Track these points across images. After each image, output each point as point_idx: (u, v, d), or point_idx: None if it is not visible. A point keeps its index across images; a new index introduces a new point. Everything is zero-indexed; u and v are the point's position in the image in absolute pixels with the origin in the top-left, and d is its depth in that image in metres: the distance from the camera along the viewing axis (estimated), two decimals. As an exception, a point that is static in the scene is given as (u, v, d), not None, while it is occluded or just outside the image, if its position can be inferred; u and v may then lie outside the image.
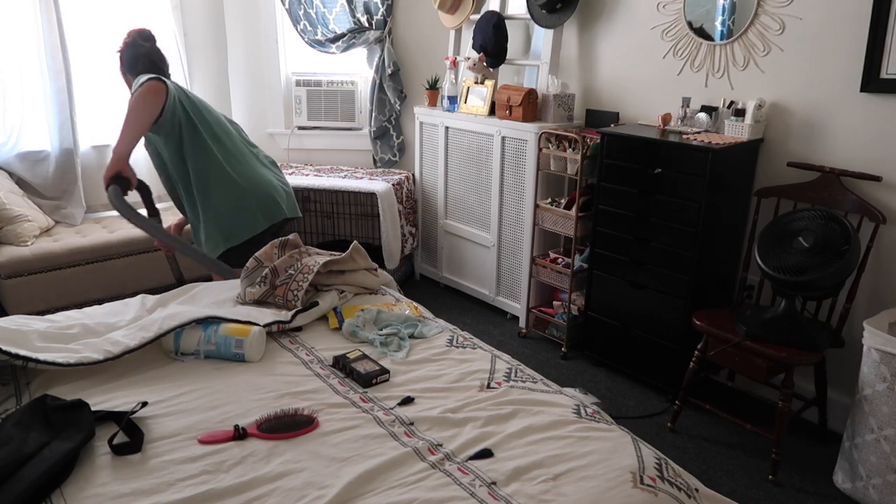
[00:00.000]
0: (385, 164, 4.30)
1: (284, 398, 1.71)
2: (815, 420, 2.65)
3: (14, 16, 3.38)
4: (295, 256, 2.31)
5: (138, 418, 1.59)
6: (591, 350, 3.14)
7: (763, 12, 2.62)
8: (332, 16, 4.08)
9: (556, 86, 3.22)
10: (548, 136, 3.14)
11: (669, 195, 2.65)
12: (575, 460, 1.49)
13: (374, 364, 1.85)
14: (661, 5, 2.95)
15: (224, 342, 1.90)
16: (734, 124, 2.66)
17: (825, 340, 2.33)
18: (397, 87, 4.10)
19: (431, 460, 1.48)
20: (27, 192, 3.57)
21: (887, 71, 2.33)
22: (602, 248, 2.96)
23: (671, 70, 2.98)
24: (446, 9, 3.73)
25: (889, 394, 2.10)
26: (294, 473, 1.43)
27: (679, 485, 1.48)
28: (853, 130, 2.46)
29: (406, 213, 3.92)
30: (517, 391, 1.77)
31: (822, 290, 2.34)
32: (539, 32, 3.51)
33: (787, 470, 2.41)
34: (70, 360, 1.75)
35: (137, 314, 2.12)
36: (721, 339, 2.44)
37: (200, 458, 1.47)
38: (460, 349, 2.01)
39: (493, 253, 3.60)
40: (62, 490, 1.36)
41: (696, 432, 2.63)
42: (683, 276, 2.66)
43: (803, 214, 2.35)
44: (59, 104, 3.53)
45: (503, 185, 3.45)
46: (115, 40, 3.67)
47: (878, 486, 2.16)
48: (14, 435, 1.45)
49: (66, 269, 3.29)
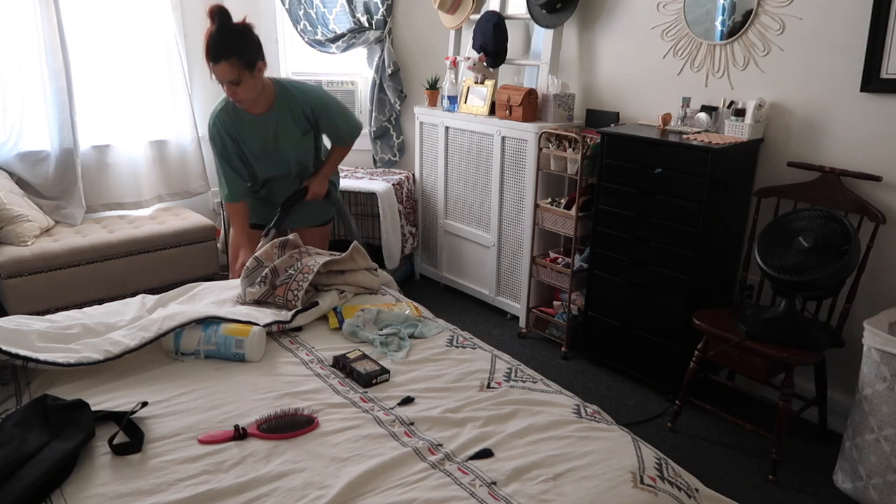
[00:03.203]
0: (385, 164, 4.30)
1: (284, 398, 1.71)
2: (815, 420, 2.65)
3: (14, 16, 3.38)
4: (295, 256, 2.31)
5: (138, 418, 1.59)
6: (592, 350, 3.13)
7: (763, 12, 2.62)
8: (332, 16, 4.08)
9: (556, 86, 3.22)
10: (548, 136, 3.14)
11: (669, 195, 2.65)
12: (575, 460, 1.49)
13: (374, 364, 1.85)
14: (661, 5, 2.94)
15: (224, 342, 1.90)
16: (734, 124, 2.66)
17: (825, 340, 2.33)
18: (397, 87, 4.11)
19: (431, 460, 1.48)
20: (27, 192, 3.56)
21: (887, 71, 2.33)
22: (602, 248, 2.96)
23: (671, 70, 2.97)
24: (446, 9, 3.73)
25: (889, 394, 2.10)
26: (294, 473, 1.43)
27: (679, 485, 1.48)
28: (853, 130, 2.46)
29: (406, 213, 3.92)
30: (517, 391, 1.77)
31: (822, 290, 2.34)
32: (539, 32, 3.51)
33: (787, 470, 2.41)
34: (70, 360, 1.75)
35: (137, 314, 2.12)
36: (721, 338, 2.44)
37: (200, 458, 1.47)
38: (460, 349, 2.01)
39: (493, 253, 3.60)
40: (62, 490, 1.36)
41: (696, 432, 2.63)
42: (683, 276, 2.66)
43: (803, 214, 2.35)
44: (59, 104, 3.53)
45: (503, 184, 3.45)
46: (114, 40, 3.72)
47: (878, 486, 2.16)
48: (14, 435, 1.45)
49: (66, 269, 3.29)
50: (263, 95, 2.50)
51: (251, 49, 2.36)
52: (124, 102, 3.82)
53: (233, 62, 2.31)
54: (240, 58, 2.32)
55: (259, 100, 2.49)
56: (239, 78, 2.34)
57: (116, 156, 3.86)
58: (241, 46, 2.33)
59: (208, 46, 2.31)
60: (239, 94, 2.39)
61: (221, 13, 2.33)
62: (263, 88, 2.48)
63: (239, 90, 2.38)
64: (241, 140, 2.58)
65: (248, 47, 2.36)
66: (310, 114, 2.61)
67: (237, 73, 2.33)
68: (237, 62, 2.32)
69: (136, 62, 3.81)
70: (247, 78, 2.36)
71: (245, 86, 2.37)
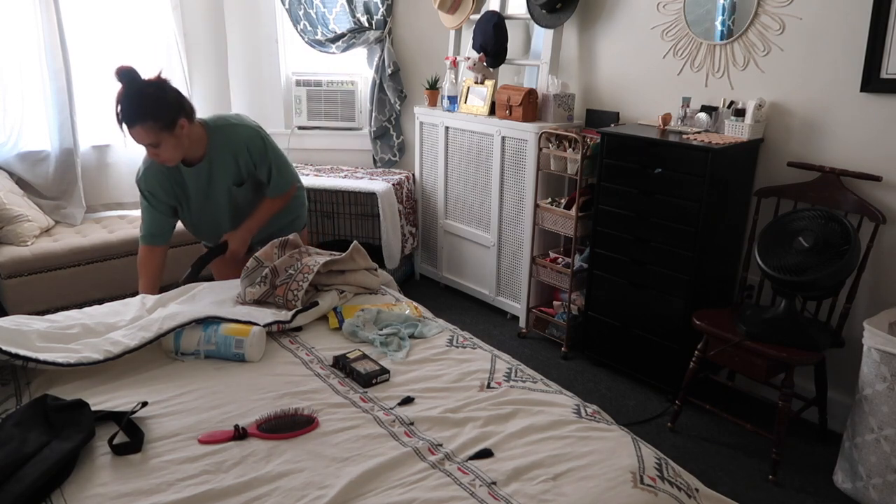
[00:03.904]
0: (385, 164, 4.30)
1: (284, 398, 1.71)
2: (815, 420, 2.65)
3: (14, 16, 3.38)
4: (295, 256, 2.31)
5: (138, 418, 1.59)
6: (591, 350, 3.13)
7: (763, 12, 2.62)
8: (332, 16, 4.08)
9: (556, 86, 3.22)
10: (548, 136, 3.14)
11: (669, 195, 2.65)
12: (575, 460, 1.49)
13: (374, 364, 1.85)
14: (661, 5, 2.94)
15: (224, 342, 1.90)
16: (734, 124, 2.66)
17: (825, 340, 2.33)
18: (397, 87, 4.11)
19: (431, 460, 1.48)
20: (27, 192, 3.57)
21: (887, 71, 2.33)
22: (602, 248, 2.96)
23: (671, 70, 2.97)
24: (446, 9, 3.73)
25: (889, 394, 2.10)
26: (294, 473, 1.43)
27: (679, 485, 1.48)
28: (853, 130, 2.46)
29: (406, 213, 3.92)
30: (517, 391, 1.77)
31: (822, 289, 2.34)
32: (539, 32, 3.51)
33: (787, 470, 2.41)
34: (70, 360, 1.75)
35: (137, 314, 2.12)
36: (721, 338, 2.44)
37: (200, 458, 1.47)
38: (460, 349, 2.01)
39: (493, 253, 3.60)
40: (62, 490, 1.36)
41: (696, 432, 2.63)
42: (683, 276, 2.66)
43: (803, 214, 2.35)
44: (59, 104, 3.53)
45: (503, 184, 3.45)
46: (114, 40, 3.72)
47: (878, 486, 2.16)
48: (14, 435, 1.45)
49: (66, 269, 3.29)
50: (193, 146, 2.32)
51: (168, 109, 2.17)
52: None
53: (148, 126, 2.14)
54: (155, 121, 2.14)
55: (189, 152, 2.32)
56: (157, 141, 2.17)
57: (116, 156, 3.86)
58: (154, 109, 2.14)
59: (118, 112, 2.15)
60: (161, 155, 2.23)
61: (128, 74, 2.15)
62: (192, 140, 2.30)
63: (160, 152, 2.21)
64: (179, 189, 2.43)
65: (164, 108, 2.16)
66: (248, 155, 2.42)
67: (154, 136, 2.16)
68: (153, 125, 2.14)
69: (136, 62, 3.78)
70: (166, 139, 2.18)
71: (166, 146, 2.20)
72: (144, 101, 2.15)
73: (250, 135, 2.44)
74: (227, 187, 2.45)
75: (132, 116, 2.15)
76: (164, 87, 2.20)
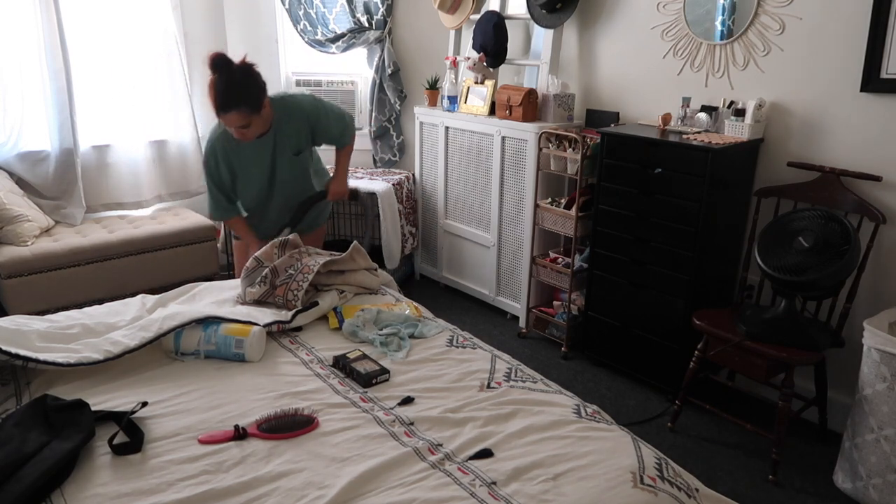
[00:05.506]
0: (385, 163, 4.30)
1: (284, 398, 1.71)
2: (815, 420, 2.65)
3: (14, 16, 3.38)
4: (295, 256, 2.31)
5: (138, 418, 1.59)
6: (592, 350, 3.13)
7: (763, 12, 2.62)
8: (332, 16, 4.08)
9: (556, 86, 3.22)
10: (548, 136, 3.14)
11: (669, 195, 2.65)
12: (575, 460, 1.49)
13: (374, 364, 1.85)
14: (661, 5, 2.94)
15: (224, 342, 1.90)
16: (734, 124, 2.66)
17: (825, 340, 2.33)
18: (397, 87, 4.10)
19: (431, 460, 1.48)
20: (27, 192, 3.56)
21: (887, 71, 2.33)
22: (602, 248, 2.96)
23: (671, 70, 2.97)
24: (446, 9, 3.73)
25: (889, 394, 2.10)
26: (294, 473, 1.43)
27: (679, 485, 1.48)
28: (853, 130, 2.46)
29: (406, 213, 3.92)
30: (517, 391, 1.77)
31: (822, 289, 2.34)
32: (539, 32, 3.51)
33: (787, 470, 2.41)
34: (70, 360, 1.75)
35: (137, 314, 2.12)
36: (721, 338, 2.44)
37: (200, 458, 1.47)
38: (460, 349, 2.01)
39: (493, 253, 3.60)
40: (62, 490, 1.36)
41: (696, 432, 2.63)
42: (683, 276, 2.66)
43: (803, 214, 2.35)
44: (59, 104, 3.53)
45: (503, 184, 3.45)
46: (114, 40, 3.72)
47: (878, 486, 2.16)
48: (14, 435, 1.45)
49: (66, 269, 3.29)
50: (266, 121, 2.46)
51: (257, 93, 2.32)
52: (124, 102, 3.82)
53: (242, 111, 2.28)
54: (248, 106, 2.29)
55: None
56: (248, 122, 2.32)
57: (116, 156, 3.86)
58: (247, 96, 2.29)
59: (214, 98, 2.26)
60: (248, 135, 2.38)
61: (222, 63, 2.26)
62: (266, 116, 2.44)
63: (248, 132, 2.36)
64: (236, 164, 2.54)
65: (254, 93, 2.31)
66: (306, 122, 2.56)
67: (246, 118, 2.30)
68: (246, 110, 2.28)
69: (135, 62, 3.81)
70: (255, 120, 2.34)
71: (255, 126, 2.36)
72: (239, 90, 2.28)
73: (308, 101, 2.59)
74: (288, 157, 2.58)
75: (228, 104, 2.27)
76: (251, 72, 2.33)
